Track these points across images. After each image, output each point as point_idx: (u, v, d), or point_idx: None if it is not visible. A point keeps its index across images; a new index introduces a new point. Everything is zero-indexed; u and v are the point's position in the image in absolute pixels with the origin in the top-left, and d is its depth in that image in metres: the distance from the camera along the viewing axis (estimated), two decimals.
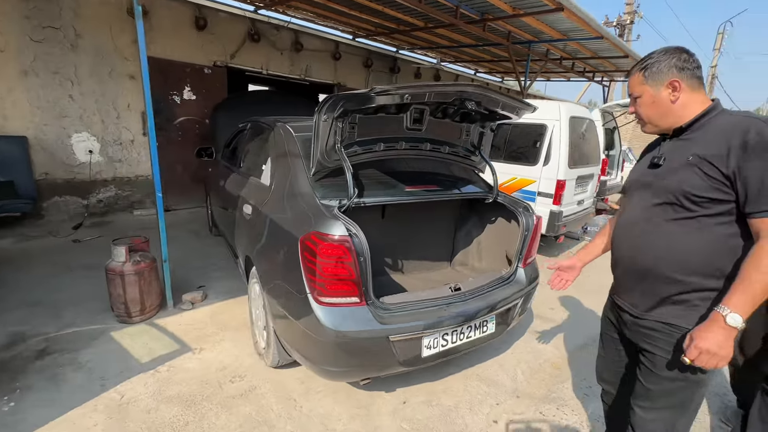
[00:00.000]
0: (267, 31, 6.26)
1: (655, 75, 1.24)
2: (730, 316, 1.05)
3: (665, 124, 1.27)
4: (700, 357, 1.10)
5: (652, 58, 1.25)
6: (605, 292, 1.60)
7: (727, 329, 1.06)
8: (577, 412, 2.21)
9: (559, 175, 4.26)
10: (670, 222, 1.21)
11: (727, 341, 1.07)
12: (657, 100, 1.25)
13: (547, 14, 4.70)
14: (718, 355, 1.08)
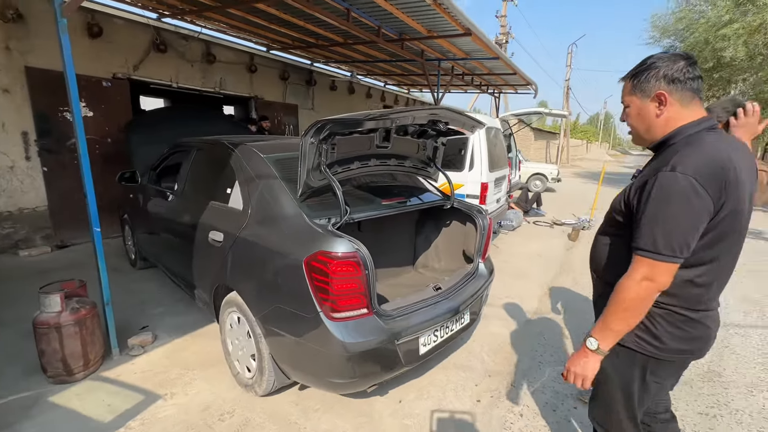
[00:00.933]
0: (174, 41, 5.78)
1: (642, 85, 1.14)
2: (589, 340, 1.18)
3: (649, 138, 1.20)
4: (568, 376, 1.24)
5: (644, 66, 1.15)
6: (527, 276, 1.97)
7: (585, 351, 1.19)
8: (539, 377, 2.62)
9: (482, 178, 4.86)
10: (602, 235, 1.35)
11: (587, 363, 1.18)
12: (642, 112, 1.17)
13: (457, 38, 5.32)
14: (579, 375, 1.20)
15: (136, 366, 2.57)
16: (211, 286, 2.48)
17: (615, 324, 1.13)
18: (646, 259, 1.08)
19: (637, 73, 1.15)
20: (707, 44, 10.62)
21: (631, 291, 1.09)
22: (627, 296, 1.10)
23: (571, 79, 27.39)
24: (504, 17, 18.46)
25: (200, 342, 2.87)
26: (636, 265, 1.10)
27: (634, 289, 1.09)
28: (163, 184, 3.46)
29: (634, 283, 1.09)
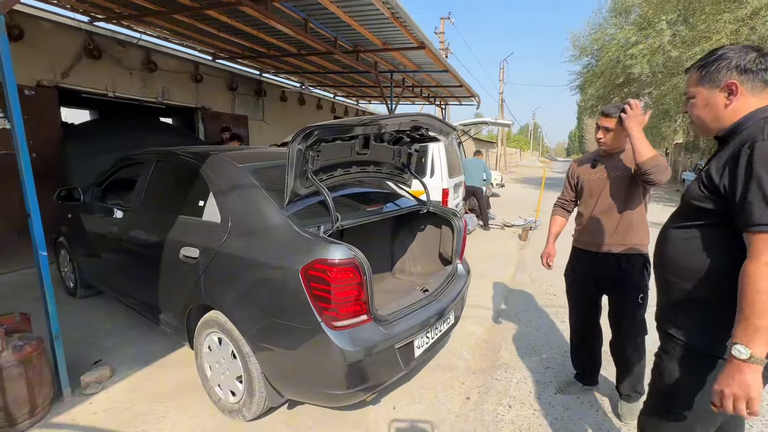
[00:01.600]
0: (110, 47, 5.31)
1: (712, 75, 1.12)
2: (735, 347, 0.95)
3: (716, 127, 1.17)
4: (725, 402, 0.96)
5: (713, 56, 1.14)
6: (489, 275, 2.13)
7: (737, 364, 0.94)
8: (519, 369, 2.76)
9: (443, 184, 5.05)
10: (675, 229, 1.21)
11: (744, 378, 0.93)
12: (710, 102, 1.14)
13: (411, 50, 5.53)
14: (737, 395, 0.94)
15: (94, 406, 2.27)
16: (183, 308, 2.29)
17: (761, 319, 0.92)
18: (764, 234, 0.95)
19: (706, 63, 1.14)
20: (618, 62, 12.11)
21: (758, 276, 0.93)
22: (754, 283, 0.94)
23: (504, 92, 29.56)
24: (442, 33, 19.49)
25: (166, 371, 2.62)
26: (757, 246, 0.96)
27: (760, 273, 0.93)
28: (112, 201, 3.14)
29: (758, 267, 0.94)
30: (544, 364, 2.81)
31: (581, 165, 2.33)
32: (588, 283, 2.26)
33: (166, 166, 2.70)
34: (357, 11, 4.34)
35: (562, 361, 2.82)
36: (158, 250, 2.41)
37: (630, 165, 2.02)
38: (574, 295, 2.37)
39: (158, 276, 2.44)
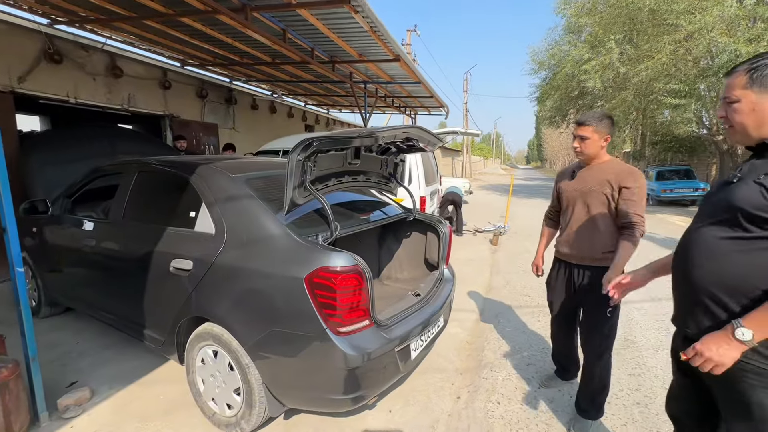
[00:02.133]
0: (72, 52, 5.04)
1: (764, 79, 1.07)
2: (739, 330, 1.03)
3: (757, 135, 1.13)
4: (695, 357, 1.08)
5: (765, 59, 1.08)
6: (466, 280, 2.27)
7: (732, 341, 1.04)
8: (503, 367, 2.90)
9: (420, 192, 5.20)
10: (724, 240, 1.12)
11: (728, 351, 1.04)
12: (759, 107, 1.09)
13: (386, 63, 5.69)
14: (712, 360, 1.05)
15: (76, 429, 2.16)
16: (173, 322, 2.23)
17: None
18: None
19: (758, 66, 1.08)
20: (573, 77, 12.99)
21: None
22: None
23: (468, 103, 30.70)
24: (409, 45, 20.00)
25: (152, 389, 2.53)
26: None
27: None
28: (86, 213, 2.99)
29: None
30: (525, 361, 2.98)
31: (563, 176, 2.34)
32: (565, 292, 2.28)
33: (150, 176, 2.63)
34: (336, 24, 4.44)
35: (542, 357, 3.00)
36: (144, 263, 2.34)
37: (605, 180, 2.03)
38: (553, 302, 2.39)
39: (144, 290, 2.37)
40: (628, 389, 2.60)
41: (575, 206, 2.17)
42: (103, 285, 2.74)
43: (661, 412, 2.36)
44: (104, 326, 3.31)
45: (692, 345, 1.09)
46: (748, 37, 8.60)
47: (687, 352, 1.09)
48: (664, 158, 18.66)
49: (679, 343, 1.30)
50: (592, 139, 2.05)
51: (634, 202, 1.98)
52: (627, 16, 11.02)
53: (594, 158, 2.12)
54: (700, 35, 9.16)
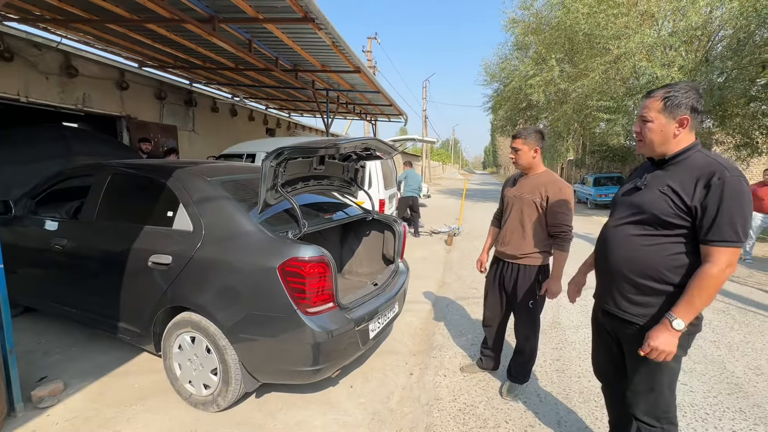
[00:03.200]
0: (24, 50, 4.91)
1: (673, 108, 1.36)
2: (675, 321, 1.31)
3: (659, 151, 1.43)
4: (650, 352, 1.35)
5: (676, 91, 1.37)
6: (421, 276, 2.68)
7: (671, 330, 1.32)
8: (450, 347, 3.33)
9: (380, 195, 5.59)
10: (638, 236, 1.44)
11: (671, 340, 1.32)
12: (665, 129, 1.38)
13: (347, 73, 6.04)
14: (665, 351, 1.33)
15: (53, 417, 2.28)
16: (151, 313, 2.42)
17: (701, 305, 1.29)
18: (729, 248, 1.27)
19: (670, 97, 1.36)
20: (521, 90, 14.09)
21: (720, 277, 1.27)
22: (714, 283, 1.28)
23: (427, 110, 31.77)
24: (369, 52, 20.48)
25: (126, 379, 2.67)
26: (719, 257, 1.28)
27: (720, 277, 1.27)
28: (52, 214, 3.05)
29: (720, 271, 1.27)
30: (469, 342, 3.43)
31: (507, 182, 2.60)
32: (497, 285, 2.57)
33: (124, 179, 2.78)
34: (300, 37, 4.72)
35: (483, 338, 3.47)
36: (121, 260, 2.50)
37: (536, 189, 2.32)
38: (488, 294, 2.68)
39: (120, 285, 2.53)
40: (551, 360, 3.12)
41: (512, 210, 2.45)
42: (74, 283, 2.83)
43: (574, 375, 2.90)
44: (66, 326, 3.36)
45: (646, 343, 1.36)
46: (662, 62, 9.91)
47: (644, 350, 1.37)
48: (602, 166, 20.52)
49: (599, 316, 1.68)
50: (523, 150, 2.37)
51: (563, 213, 2.27)
52: (566, 37, 12.21)
53: (529, 168, 2.42)
54: (626, 58, 10.40)
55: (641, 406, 1.55)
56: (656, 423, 1.56)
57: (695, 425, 2.33)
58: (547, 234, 2.37)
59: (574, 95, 12.17)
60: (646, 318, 1.45)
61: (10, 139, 3.95)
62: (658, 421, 1.55)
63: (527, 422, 2.36)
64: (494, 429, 2.30)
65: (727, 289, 4.98)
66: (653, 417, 1.55)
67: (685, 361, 3.04)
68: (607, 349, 1.71)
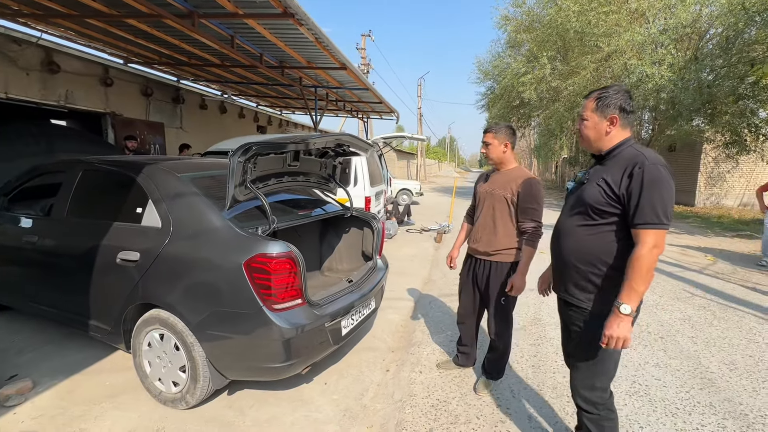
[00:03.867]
0: (3, 45, 4.84)
1: (603, 108, 1.51)
2: (622, 306, 1.39)
3: (596, 146, 1.59)
4: (609, 341, 1.43)
5: (607, 92, 1.52)
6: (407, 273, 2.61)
7: (621, 317, 1.40)
8: (429, 344, 3.33)
9: (366, 193, 5.57)
10: (581, 227, 1.56)
11: (625, 325, 1.39)
12: (598, 127, 1.54)
13: (334, 70, 6.00)
14: (621, 337, 1.40)
15: (20, 416, 2.26)
16: (120, 310, 2.40)
17: (640, 287, 1.38)
18: (652, 230, 1.37)
19: (602, 98, 1.52)
20: (514, 88, 14.10)
21: (647, 258, 1.36)
22: (645, 263, 1.36)
23: (422, 108, 31.76)
24: (364, 50, 20.42)
25: (97, 377, 2.65)
26: (645, 238, 1.38)
27: (648, 257, 1.36)
28: (22, 211, 3.02)
29: (648, 251, 1.36)
30: (448, 339, 3.43)
31: (480, 178, 2.59)
32: (470, 282, 2.57)
33: (95, 175, 2.75)
34: (283, 33, 4.69)
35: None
36: (90, 257, 2.48)
37: (507, 185, 2.32)
38: (461, 291, 2.68)
39: (90, 282, 2.50)
40: (528, 355, 3.13)
41: (483, 206, 2.44)
42: (46, 280, 2.80)
43: (549, 371, 2.90)
44: (42, 324, 3.33)
45: (603, 334, 1.45)
46: (652, 60, 9.94)
47: (603, 341, 1.45)
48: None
49: (558, 303, 1.78)
50: (493, 145, 2.37)
51: (532, 208, 2.27)
52: (557, 35, 12.22)
53: (500, 163, 2.42)
54: (616, 56, 10.43)
55: (580, 392, 1.67)
56: (594, 410, 1.65)
57: (664, 420, 2.34)
58: (518, 230, 2.37)
59: (566, 93, 12.18)
60: (590, 302, 1.55)
61: None
62: (596, 407, 1.64)
63: (498, 418, 2.36)
64: (465, 425, 2.29)
65: (710, 285, 5.02)
66: (591, 404, 1.65)
67: (660, 356, 3.10)
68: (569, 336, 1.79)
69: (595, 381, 1.62)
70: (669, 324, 3.78)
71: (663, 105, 10.96)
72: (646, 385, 2.71)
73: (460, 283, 2.71)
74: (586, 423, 1.69)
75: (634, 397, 2.57)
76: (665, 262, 6.20)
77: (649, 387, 2.69)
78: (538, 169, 38.76)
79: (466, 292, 2.66)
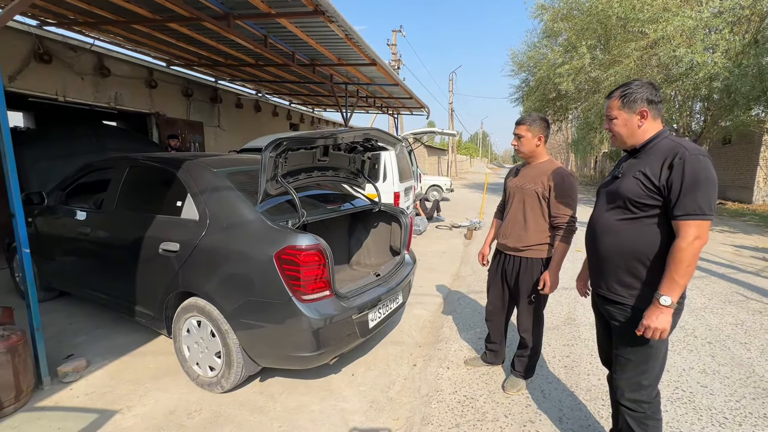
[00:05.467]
0: (61, 52, 5.25)
1: (630, 104, 1.50)
2: (662, 298, 1.37)
3: (631, 142, 1.56)
4: (645, 331, 1.41)
5: (630, 88, 1.51)
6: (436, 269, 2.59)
7: (660, 308, 1.38)
8: (457, 340, 3.30)
9: (395, 188, 5.58)
10: (619, 221, 1.53)
11: (664, 317, 1.37)
12: (628, 123, 1.53)
13: (364, 66, 6.04)
14: (659, 329, 1.38)
15: (75, 391, 2.46)
16: (162, 297, 2.56)
17: (681, 279, 1.35)
18: (695, 222, 1.34)
19: (626, 94, 1.51)
20: (550, 79, 13.53)
21: (689, 250, 1.33)
22: (686, 255, 1.34)
23: (453, 103, 31.25)
24: (394, 45, 20.34)
25: (142, 360, 2.84)
26: (687, 230, 1.35)
27: (690, 248, 1.33)
28: (79, 204, 3.27)
29: (689, 243, 1.34)
30: (476, 336, 3.38)
31: (510, 173, 2.54)
32: (499, 279, 2.52)
33: (140, 171, 2.93)
34: (314, 31, 4.77)
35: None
36: (136, 247, 2.65)
37: (539, 178, 2.25)
38: (490, 288, 2.63)
39: (136, 270, 2.68)
40: (561, 356, 3.03)
41: (513, 201, 2.38)
42: (98, 268, 3.03)
43: (583, 372, 2.80)
44: (95, 309, 3.60)
45: (641, 322, 1.42)
46: (705, 47, 9.21)
47: (639, 329, 1.43)
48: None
49: (596, 300, 1.73)
50: (526, 138, 2.27)
51: (565, 203, 2.19)
52: (598, 22, 11.58)
53: (531, 156, 2.33)
54: (664, 43, 9.75)
55: (625, 391, 1.60)
56: (639, 408, 1.59)
57: (710, 429, 2.19)
58: (550, 225, 2.29)
59: (607, 83, 11.53)
60: (634, 297, 1.51)
61: (47, 137, 4.26)
62: (641, 406, 1.59)
63: (527, 417, 2.30)
64: (492, 422, 2.26)
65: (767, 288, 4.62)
66: (637, 402, 1.59)
67: (707, 362, 2.90)
68: (607, 334, 1.75)
69: (641, 379, 1.57)
70: (718, 328, 3.53)
71: (716, 94, 10.15)
72: (690, 391, 2.55)
73: (489, 279, 2.66)
74: (628, 421, 1.62)
75: (676, 403, 2.42)
76: (716, 262, 5.77)
77: (694, 394, 2.52)
78: (576, 165, 37.13)
79: (494, 289, 2.61)
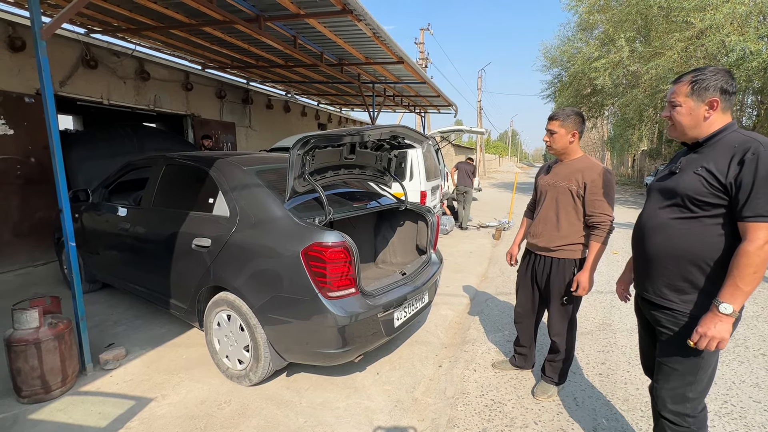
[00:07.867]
0: (106, 58, 5.58)
1: (701, 91, 1.34)
2: (722, 306, 1.24)
3: (692, 135, 1.40)
4: (700, 340, 1.28)
5: (703, 74, 1.35)
6: (464, 269, 2.52)
7: (720, 316, 1.25)
8: (484, 342, 3.22)
9: (421, 187, 5.53)
10: (675, 220, 1.39)
11: (723, 326, 1.24)
12: (694, 113, 1.36)
13: (391, 65, 6.02)
14: (716, 338, 1.25)
15: (115, 378, 2.59)
16: (194, 291, 2.64)
17: (747, 286, 1.23)
18: (766, 224, 1.21)
19: (698, 80, 1.35)
20: (584, 74, 13.00)
21: (758, 255, 1.20)
22: (754, 261, 1.20)
23: (482, 101, 30.66)
24: (422, 44, 20.17)
25: (176, 351, 2.95)
26: (756, 233, 1.22)
27: (759, 253, 1.20)
28: (121, 201, 3.45)
29: (758, 248, 1.21)
30: (505, 338, 3.29)
31: (541, 170, 2.46)
32: (529, 279, 2.44)
33: (175, 169, 3.05)
34: (342, 30, 4.80)
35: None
36: (171, 242, 2.76)
37: (572, 176, 2.16)
38: (519, 288, 2.55)
39: (171, 265, 2.79)
40: (595, 363, 2.89)
41: (545, 199, 2.29)
42: (136, 262, 3.18)
43: (620, 381, 2.65)
44: (135, 300, 3.79)
45: (695, 331, 1.30)
46: (759, 35, 8.53)
47: (693, 338, 1.30)
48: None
49: (641, 304, 1.59)
50: (560, 134, 2.18)
51: (600, 200, 2.09)
52: (638, 12, 11.00)
53: (564, 153, 2.25)
54: (712, 33, 9.12)
55: (668, 403, 1.47)
56: (683, 422, 1.47)
57: None
58: (584, 224, 2.18)
59: (647, 77, 10.93)
60: (687, 304, 1.38)
61: (92, 138, 4.53)
62: (685, 420, 1.46)
63: (558, 425, 2.21)
64: (521, 429, 2.18)
65: None
66: (680, 416, 1.46)
67: (761, 375, 2.68)
68: (652, 340, 1.62)
69: (687, 391, 1.43)
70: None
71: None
72: (741, 406, 2.36)
73: (518, 281, 2.58)
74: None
75: (725, 418, 2.25)
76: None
77: (745, 409, 2.33)
78: (612, 163, 35.49)
79: (524, 290, 2.52)
